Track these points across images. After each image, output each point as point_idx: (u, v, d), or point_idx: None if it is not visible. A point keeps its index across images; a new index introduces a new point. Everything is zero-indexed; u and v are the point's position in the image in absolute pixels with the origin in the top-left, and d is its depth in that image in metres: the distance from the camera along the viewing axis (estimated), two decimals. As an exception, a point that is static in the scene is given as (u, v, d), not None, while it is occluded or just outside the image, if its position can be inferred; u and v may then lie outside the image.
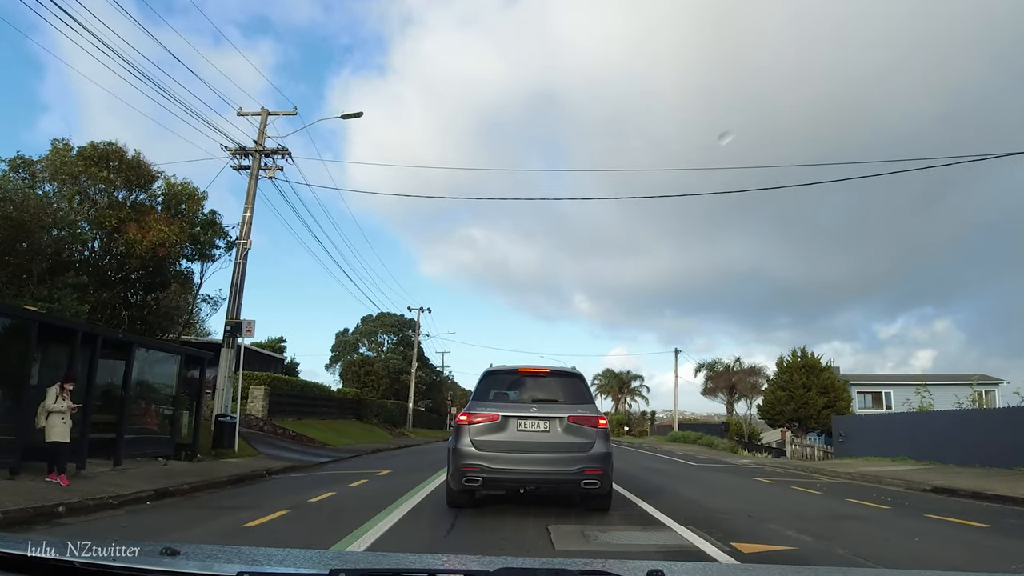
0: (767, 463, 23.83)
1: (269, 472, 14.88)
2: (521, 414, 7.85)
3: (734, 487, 13.85)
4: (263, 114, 20.77)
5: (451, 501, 8.46)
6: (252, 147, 20.23)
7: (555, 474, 7.68)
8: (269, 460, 17.01)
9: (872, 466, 20.05)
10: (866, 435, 25.45)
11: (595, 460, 7.66)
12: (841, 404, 35.81)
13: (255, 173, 20.09)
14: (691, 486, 13.71)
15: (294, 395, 27.89)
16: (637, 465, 20.94)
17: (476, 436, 7.74)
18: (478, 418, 7.84)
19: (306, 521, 8.00)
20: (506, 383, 8.72)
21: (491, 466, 7.58)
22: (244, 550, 2.43)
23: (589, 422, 7.87)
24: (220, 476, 13.15)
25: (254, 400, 24.29)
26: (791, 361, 37.29)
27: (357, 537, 6.57)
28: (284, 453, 19.24)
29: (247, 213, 19.64)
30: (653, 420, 74.55)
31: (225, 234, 17.84)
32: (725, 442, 38.84)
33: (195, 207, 16.18)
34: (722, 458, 27.96)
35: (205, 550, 2.51)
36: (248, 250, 19.24)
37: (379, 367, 52.80)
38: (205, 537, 6.91)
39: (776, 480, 15.90)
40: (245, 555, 2.32)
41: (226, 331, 17.53)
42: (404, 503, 9.24)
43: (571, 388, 8.45)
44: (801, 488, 13.94)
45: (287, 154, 20.45)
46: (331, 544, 6.23)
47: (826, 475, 18.27)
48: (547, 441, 7.70)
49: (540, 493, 8.69)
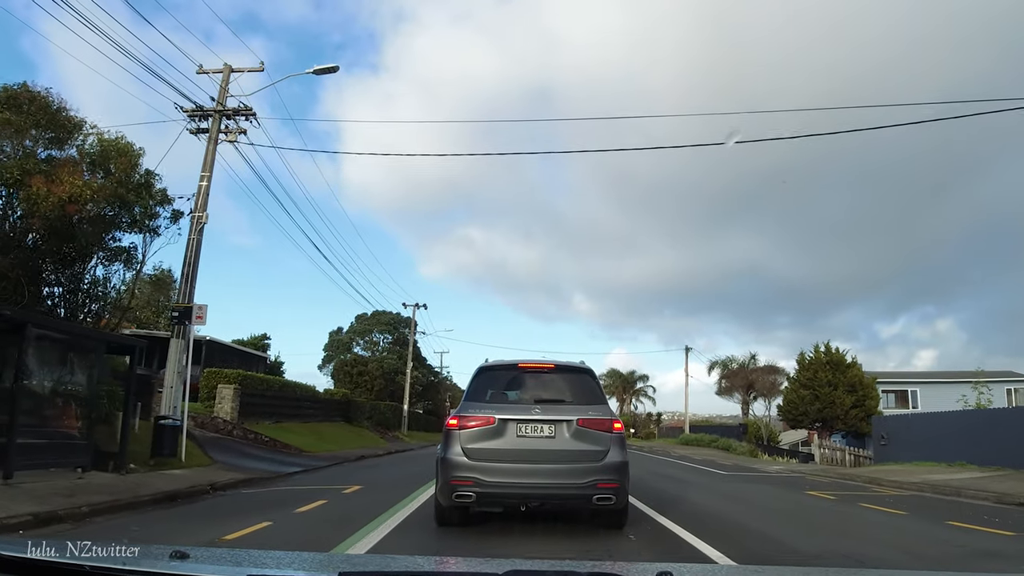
0: (806, 471, 21.01)
1: (214, 488, 12.11)
2: (521, 417, 6.78)
3: (793, 507, 11.03)
4: (225, 71, 18.02)
5: (440, 519, 7.28)
6: (211, 107, 17.53)
7: (562, 488, 6.62)
8: (222, 471, 14.23)
9: (932, 473, 17.23)
10: (912, 437, 22.61)
11: (610, 471, 6.59)
12: (870, 403, 33.08)
13: (214, 136, 17.35)
14: (738, 506, 10.93)
15: (272, 395, 25.09)
16: (656, 474, 18.15)
17: (468, 443, 6.68)
18: (471, 422, 6.77)
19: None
20: (504, 381, 7.59)
21: (486, 479, 6.52)
22: (253, 553, 2.37)
23: (602, 425, 6.80)
24: (144, 494, 10.44)
25: (222, 401, 21.48)
26: (814, 357, 34.54)
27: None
28: (247, 462, 16.45)
29: (203, 182, 16.88)
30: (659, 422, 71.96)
31: (168, 200, 15.03)
32: (744, 445, 35.97)
33: (126, 165, 13.34)
34: (749, 464, 25.11)
35: (214, 553, 2.51)
36: (204, 224, 16.49)
37: (373, 367, 50.02)
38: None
39: (835, 495, 13.09)
40: (254, 558, 2.30)
41: (173, 318, 14.78)
42: (363, 538, 6.54)
43: (580, 386, 7.34)
44: (874, 506, 11.15)
45: (251, 114, 17.71)
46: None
47: (885, 486, 15.45)
48: (552, 449, 6.65)
49: (545, 509, 7.37)
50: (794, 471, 20.82)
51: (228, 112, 17.63)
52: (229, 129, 17.77)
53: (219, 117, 17.55)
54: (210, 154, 17.22)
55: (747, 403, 44.05)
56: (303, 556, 2.52)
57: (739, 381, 42.72)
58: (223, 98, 17.79)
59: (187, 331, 15.01)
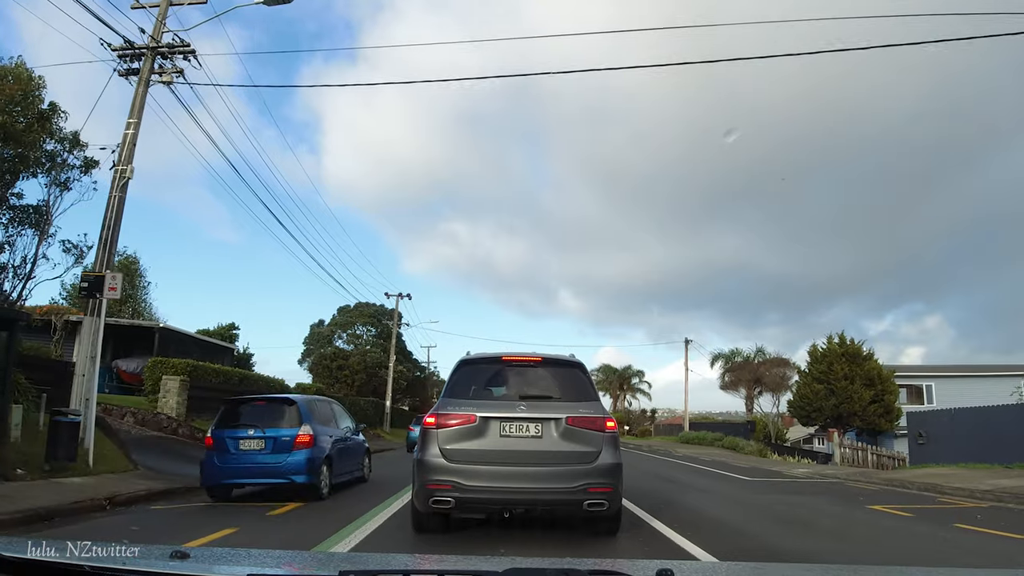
0: (840, 475, 18.36)
1: (113, 502, 9.33)
2: (505, 415, 6.28)
3: (879, 534, 8.31)
4: (162, 2, 15.18)
5: (418, 525, 6.76)
6: (143, 44, 14.67)
7: (550, 492, 6.05)
8: (138, 480, 11.42)
9: (996, 478, 14.62)
10: (955, 435, 20.05)
11: (602, 474, 6.06)
12: (889, 398, 30.60)
13: (145, 77, 14.46)
14: (807, 537, 8.26)
15: (229, 389, 22.16)
16: (666, 479, 15.52)
17: (447, 444, 6.15)
18: (450, 420, 6.25)
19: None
20: (487, 375, 7.05)
21: (466, 483, 5.98)
22: (254, 552, 2.39)
23: (594, 424, 6.28)
24: (7, 511, 7.74)
25: (167, 395, 18.61)
26: (828, 348, 31.96)
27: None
28: (182, 467, 13.63)
29: (130, 130, 14.02)
30: (653, 419, 69.63)
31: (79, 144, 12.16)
32: (752, 444, 33.36)
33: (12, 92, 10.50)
34: (767, 467, 22.47)
35: (214, 552, 2.59)
36: (129, 179, 13.63)
37: (354, 361, 47.12)
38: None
39: (905, 510, 10.45)
40: (255, 557, 2.34)
41: (82, 289, 11.93)
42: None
43: (570, 381, 6.86)
44: (973, 527, 8.52)
45: (190, 52, 14.85)
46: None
47: (951, 494, 12.82)
48: (539, 450, 6.13)
49: (532, 516, 6.89)
50: (825, 475, 18.18)
51: (163, 49, 14.78)
52: (164, 69, 14.93)
53: (152, 55, 14.70)
54: (139, 97, 14.33)
55: (751, 398, 41.51)
56: (304, 555, 2.64)
57: (745, 375, 40.03)
58: (158, 33, 14.93)
59: (100, 306, 12.16)
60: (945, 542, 7.51)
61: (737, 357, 44.01)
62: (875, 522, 8.98)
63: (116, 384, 25.33)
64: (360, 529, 7.04)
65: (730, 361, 44.08)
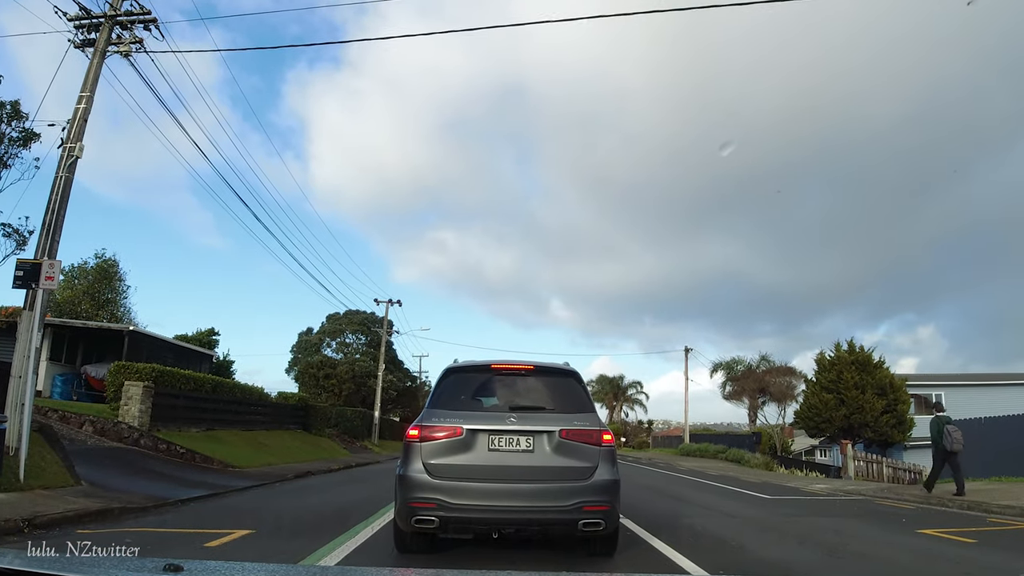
0: (865, 491, 16.88)
1: (34, 524, 7.81)
2: (494, 427, 5.84)
3: (942, 567, 6.87)
4: (124, -31, 13.78)
5: (400, 544, 6.25)
6: (100, 12, 13.27)
7: (542, 512, 5.64)
8: (76, 497, 9.86)
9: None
10: (987, 446, 18.64)
11: (598, 491, 5.67)
12: (902, 408, 29.24)
13: (100, 48, 13.08)
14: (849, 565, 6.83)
15: (202, 398, 20.61)
16: (677, 499, 14.05)
17: (432, 458, 5.76)
18: (435, 432, 5.85)
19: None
20: (475, 385, 6.46)
21: (452, 501, 5.58)
22: (248, 566, 2.44)
23: (589, 438, 5.86)
24: None
25: (129, 402, 17.03)
26: (836, 356, 30.59)
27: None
28: (134, 483, 12.08)
29: (82, 104, 12.60)
30: (651, 430, 68.14)
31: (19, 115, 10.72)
32: (758, 456, 31.87)
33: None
34: (779, 482, 20.99)
35: (208, 566, 2.53)
36: (77, 158, 12.19)
37: (342, 370, 45.51)
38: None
39: (961, 535, 9.00)
40: (249, 571, 2.40)
41: (17, 277, 10.42)
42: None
43: (564, 391, 6.33)
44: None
45: (151, 21, 13.47)
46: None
47: (998, 513, 11.38)
48: (531, 465, 5.74)
49: (523, 536, 6.31)
50: (848, 491, 16.70)
51: (121, 17, 13.39)
52: (122, 40, 13.52)
53: (110, 24, 13.30)
54: (94, 69, 12.93)
55: (755, 409, 39.98)
56: (299, 569, 2.79)
57: (750, 384, 38.53)
58: (117, 1, 13.57)
59: (36, 297, 10.65)
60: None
61: (739, 366, 42.63)
62: (940, 552, 7.52)
63: (85, 391, 23.73)
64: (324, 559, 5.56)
65: (732, 370, 42.68)
